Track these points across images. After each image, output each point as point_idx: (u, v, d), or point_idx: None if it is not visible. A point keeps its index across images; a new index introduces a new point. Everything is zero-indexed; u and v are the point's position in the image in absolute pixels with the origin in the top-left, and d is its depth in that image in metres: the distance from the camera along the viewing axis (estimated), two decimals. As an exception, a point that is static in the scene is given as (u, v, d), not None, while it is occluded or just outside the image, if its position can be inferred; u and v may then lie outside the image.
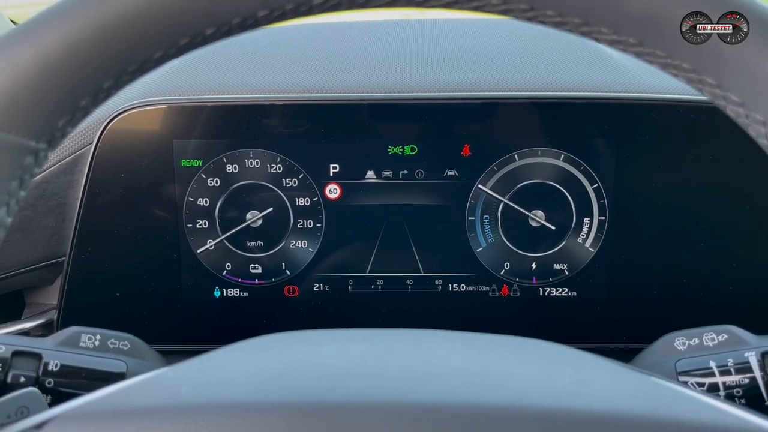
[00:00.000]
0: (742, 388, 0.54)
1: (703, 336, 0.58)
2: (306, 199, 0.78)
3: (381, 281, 0.81)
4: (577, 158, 0.77)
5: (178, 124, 0.76)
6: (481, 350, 0.40)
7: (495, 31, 0.97)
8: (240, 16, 0.33)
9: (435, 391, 0.34)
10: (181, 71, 0.83)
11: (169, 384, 0.37)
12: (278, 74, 0.83)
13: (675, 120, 0.75)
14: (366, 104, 0.76)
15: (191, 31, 0.33)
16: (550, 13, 0.33)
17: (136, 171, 0.76)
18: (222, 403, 0.34)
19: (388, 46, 0.93)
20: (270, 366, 0.37)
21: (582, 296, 0.80)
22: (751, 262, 0.78)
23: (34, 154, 0.33)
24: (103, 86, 0.33)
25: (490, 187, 0.78)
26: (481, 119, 0.77)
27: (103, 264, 0.79)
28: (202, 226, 0.79)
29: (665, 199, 0.77)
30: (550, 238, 0.79)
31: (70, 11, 0.31)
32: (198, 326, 0.82)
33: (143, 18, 0.32)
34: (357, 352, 0.38)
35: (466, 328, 0.56)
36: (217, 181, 0.78)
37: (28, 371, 0.54)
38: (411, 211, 0.79)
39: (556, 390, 0.35)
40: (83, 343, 0.57)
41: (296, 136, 0.77)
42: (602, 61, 0.85)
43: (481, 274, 0.80)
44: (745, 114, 0.33)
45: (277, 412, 0.33)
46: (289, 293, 0.81)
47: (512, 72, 0.82)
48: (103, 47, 0.32)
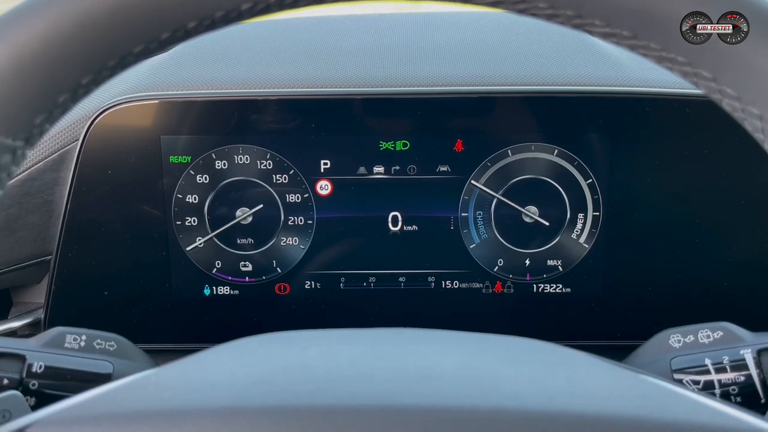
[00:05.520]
0: (737, 386, 0.54)
1: (698, 333, 0.57)
2: (297, 195, 0.77)
3: (373, 278, 0.80)
4: (571, 153, 0.76)
5: (167, 119, 0.75)
6: (472, 351, 0.39)
7: (487, 24, 0.96)
8: (223, 9, 0.32)
9: (425, 393, 0.34)
10: (169, 66, 0.82)
11: (153, 388, 0.36)
12: (268, 69, 0.82)
13: (670, 114, 0.74)
14: (357, 99, 0.75)
15: (172, 25, 0.32)
16: (542, 5, 0.32)
17: (123, 167, 0.75)
18: (206, 407, 0.33)
19: (379, 39, 0.92)
20: (256, 369, 0.36)
21: (576, 293, 0.80)
22: (747, 258, 0.78)
23: (11, 153, 0.32)
24: (81, 82, 0.32)
25: (483, 182, 0.77)
26: (474, 114, 0.76)
27: (90, 262, 0.78)
28: (191, 223, 0.78)
29: (660, 194, 0.76)
30: (543, 234, 0.78)
31: (45, 4, 0.30)
32: (188, 325, 0.81)
33: (122, 11, 0.31)
34: (345, 354, 0.37)
35: (460, 325, 0.55)
36: (206, 177, 0.77)
37: (11, 373, 0.53)
38: (403, 207, 0.78)
39: (548, 391, 0.34)
40: (68, 344, 0.56)
41: (286, 131, 0.76)
42: (596, 55, 0.84)
43: (474, 270, 0.79)
44: (741, 108, 0.33)
45: (263, 417, 0.32)
46: (280, 291, 0.80)
47: (505, 66, 0.81)
48: (81, 42, 0.31)
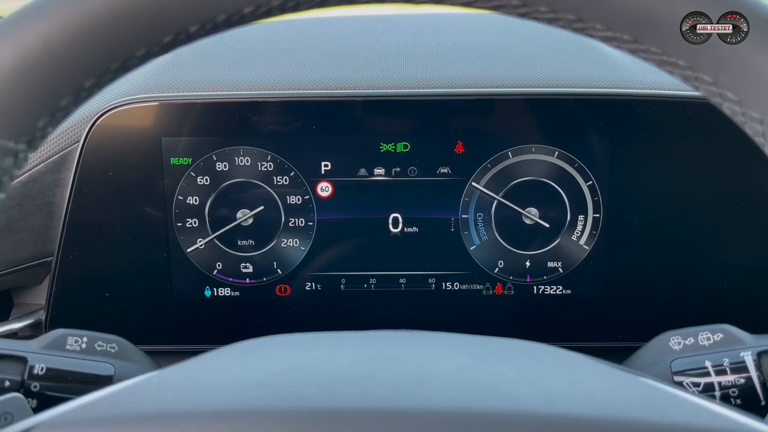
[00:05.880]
0: (737, 389, 0.54)
1: (698, 335, 0.57)
2: (297, 197, 0.78)
3: (374, 280, 0.80)
4: (571, 155, 0.76)
5: (167, 121, 0.75)
6: (472, 353, 0.39)
7: (488, 27, 0.96)
8: (225, 12, 0.32)
9: (426, 396, 0.34)
10: (170, 68, 0.82)
11: (155, 390, 0.36)
12: (269, 71, 0.82)
13: (670, 116, 0.74)
14: (358, 101, 0.75)
15: (175, 28, 0.32)
16: (543, 9, 0.32)
17: (124, 169, 0.75)
18: (209, 410, 0.33)
19: (379, 41, 0.92)
20: (258, 372, 0.36)
21: (576, 294, 0.80)
22: (747, 260, 0.78)
23: (13, 156, 0.32)
24: (84, 85, 0.32)
25: (484, 184, 0.77)
26: (475, 116, 0.76)
27: (91, 264, 0.78)
28: (192, 224, 0.78)
29: (660, 196, 0.76)
30: (544, 236, 0.78)
31: (49, 7, 0.30)
32: (188, 326, 0.81)
33: (125, 14, 0.31)
34: (346, 357, 0.37)
35: (460, 326, 0.55)
36: (207, 179, 0.77)
37: (13, 375, 0.53)
38: (404, 209, 0.78)
39: (548, 394, 0.35)
40: (70, 346, 0.56)
41: (287, 133, 0.76)
42: (596, 58, 0.84)
43: (474, 272, 0.79)
44: (742, 112, 0.33)
45: (265, 419, 0.32)
46: (280, 292, 0.80)
47: (506, 68, 0.81)
48: (84, 45, 0.31)
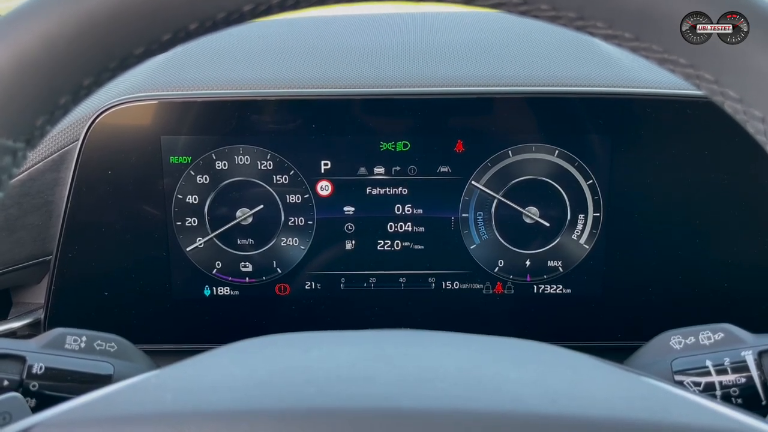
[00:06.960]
0: (738, 388, 0.54)
1: (699, 334, 0.57)
2: (297, 196, 0.77)
3: (373, 279, 0.80)
4: (571, 154, 0.76)
5: (167, 120, 0.75)
6: (473, 353, 0.39)
7: (488, 25, 0.96)
8: (224, 10, 0.32)
9: (426, 395, 0.34)
10: (169, 66, 0.82)
11: (154, 390, 0.36)
12: (268, 69, 0.82)
13: (671, 115, 0.74)
14: (358, 99, 0.75)
15: (174, 27, 0.32)
16: (544, 7, 0.32)
17: (123, 168, 0.75)
18: (208, 409, 0.33)
19: (379, 39, 0.91)
20: (257, 371, 0.36)
21: (577, 293, 0.80)
22: (748, 259, 0.78)
23: (12, 154, 0.32)
24: (83, 83, 0.32)
25: (484, 183, 0.77)
26: (475, 115, 0.76)
27: (90, 263, 0.78)
28: (191, 223, 0.78)
29: (661, 195, 0.76)
30: (544, 235, 0.78)
31: (47, 5, 0.30)
32: (188, 325, 0.81)
33: (124, 12, 0.31)
34: (345, 356, 0.37)
35: (460, 326, 0.55)
36: (207, 178, 0.77)
37: (11, 374, 0.53)
38: (403, 207, 0.78)
39: (549, 394, 0.34)
40: (69, 345, 0.56)
41: (287, 132, 0.76)
42: (597, 56, 0.84)
43: (474, 271, 0.79)
44: (744, 110, 0.32)
45: (264, 419, 0.32)
46: (280, 291, 0.80)
47: (506, 66, 0.81)
48: (82, 43, 0.31)
